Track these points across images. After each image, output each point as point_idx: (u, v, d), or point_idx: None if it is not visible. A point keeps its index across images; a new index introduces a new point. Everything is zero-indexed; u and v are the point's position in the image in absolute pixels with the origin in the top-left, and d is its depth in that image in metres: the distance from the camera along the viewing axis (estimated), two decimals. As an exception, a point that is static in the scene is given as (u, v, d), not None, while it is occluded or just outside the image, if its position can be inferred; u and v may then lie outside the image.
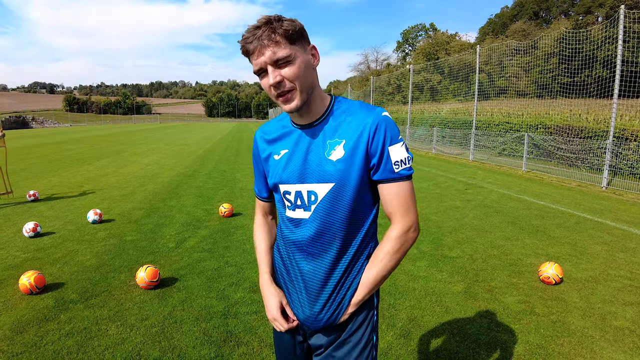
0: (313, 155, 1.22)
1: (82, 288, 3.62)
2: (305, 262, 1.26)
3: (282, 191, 1.29)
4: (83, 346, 2.72)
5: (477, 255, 4.49)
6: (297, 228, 1.27)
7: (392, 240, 1.20)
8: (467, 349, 2.69)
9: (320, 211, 1.21)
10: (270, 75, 1.11)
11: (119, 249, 4.69)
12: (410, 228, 1.21)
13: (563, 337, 2.86)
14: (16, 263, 4.25)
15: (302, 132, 1.26)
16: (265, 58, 1.10)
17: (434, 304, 3.34)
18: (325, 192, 1.20)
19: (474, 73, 14.60)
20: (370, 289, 1.23)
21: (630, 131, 9.80)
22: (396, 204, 1.19)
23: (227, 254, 4.53)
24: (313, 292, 1.26)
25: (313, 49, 1.19)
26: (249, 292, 3.56)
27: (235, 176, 10.24)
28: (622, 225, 5.84)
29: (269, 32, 1.09)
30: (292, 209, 1.27)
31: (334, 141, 1.20)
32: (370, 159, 1.18)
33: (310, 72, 1.17)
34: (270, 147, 1.34)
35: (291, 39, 1.11)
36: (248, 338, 2.82)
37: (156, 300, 3.39)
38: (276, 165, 1.30)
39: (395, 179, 1.18)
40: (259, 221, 1.50)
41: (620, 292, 3.61)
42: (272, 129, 1.35)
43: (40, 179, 9.81)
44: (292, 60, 1.11)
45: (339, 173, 1.18)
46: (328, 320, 1.26)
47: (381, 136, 1.16)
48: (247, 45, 1.11)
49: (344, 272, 1.24)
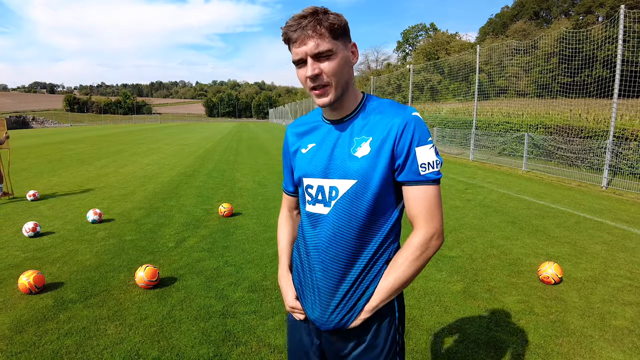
0: (339, 151, 1.20)
1: (82, 288, 3.62)
2: (321, 260, 1.21)
3: (305, 185, 1.27)
4: (82, 346, 2.72)
5: (477, 255, 4.49)
6: (315, 223, 1.23)
7: (412, 246, 1.14)
8: (466, 349, 2.69)
9: (340, 207, 1.18)
10: (309, 67, 1.10)
11: (119, 248, 4.69)
12: (434, 235, 1.14)
13: (562, 337, 2.85)
14: (16, 263, 4.25)
15: (331, 127, 1.25)
16: (307, 49, 1.08)
17: (433, 303, 3.33)
18: (346, 189, 1.16)
19: (474, 73, 14.59)
20: (387, 296, 1.16)
21: (631, 131, 9.80)
22: (420, 209, 1.14)
23: (227, 253, 4.53)
24: (326, 292, 1.21)
25: (353, 47, 1.17)
26: (248, 291, 3.56)
27: (235, 176, 10.23)
28: (622, 225, 5.83)
29: (314, 23, 1.07)
30: (312, 203, 1.25)
31: (361, 138, 1.18)
32: (396, 159, 1.14)
33: (348, 69, 1.15)
34: (299, 141, 1.33)
35: (335, 33, 1.10)
36: (247, 337, 2.82)
37: (155, 299, 3.39)
38: (302, 158, 1.29)
39: (421, 182, 1.13)
40: (284, 215, 1.50)
41: (620, 291, 3.60)
42: (302, 123, 1.36)
43: (40, 179, 9.82)
44: (332, 55, 1.10)
45: (362, 170, 1.15)
46: (339, 323, 1.20)
47: (409, 136, 1.12)
48: (291, 33, 1.10)
49: (360, 274, 1.18)
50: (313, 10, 1.09)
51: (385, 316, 1.21)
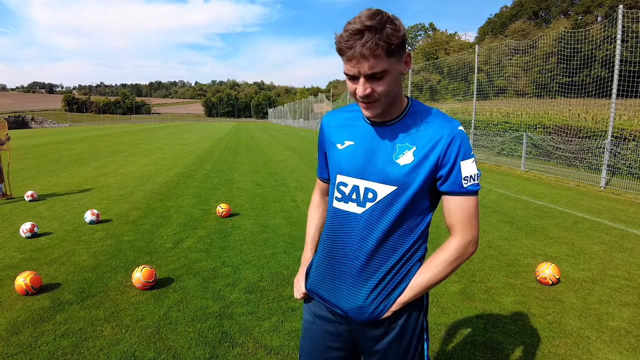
0: (379, 154, 1.21)
1: (78, 289, 3.61)
2: (354, 257, 1.25)
3: (338, 182, 1.29)
4: (78, 347, 2.71)
5: (474, 256, 4.48)
6: (346, 221, 1.27)
7: (450, 250, 1.21)
8: (463, 350, 2.68)
9: (376, 210, 1.21)
10: (361, 87, 1.10)
11: (116, 249, 4.68)
12: (471, 242, 1.21)
13: (559, 338, 2.85)
14: (13, 263, 4.23)
15: (373, 129, 1.25)
16: (360, 68, 1.07)
17: (431, 304, 3.32)
18: (385, 193, 1.20)
19: (472, 73, 14.59)
20: (418, 292, 1.24)
21: (629, 131, 9.80)
22: (460, 218, 1.20)
23: (224, 254, 4.52)
24: (359, 284, 1.25)
25: (407, 57, 1.15)
26: (245, 292, 3.55)
27: (233, 176, 10.22)
28: (620, 225, 5.83)
29: (372, 43, 1.03)
30: (344, 201, 1.27)
31: (404, 145, 1.20)
32: (439, 170, 1.18)
33: (398, 82, 1.15)
34: (335, 134, 1.34)
35: (391, 52, 1.06)
36: (243, 339, 2.81)
37: (152, 300, 3.38)
38: (338, 154, 1.30)
39: (463, 193, 1.18)
40: (316, 200, 1.56)
41: (618, 292, 3.60)
42: (341, 117, 1.36)
43: (38, 179, 9.80)
44: (385, 75, 1.09)
45: (403, 178, 1.18)
46: (371, 314, 1.25)
47: (455, 149, 1.16)
48: (346, 49, 1.07)
49: (390, 270, 1.24)
50: (369, 26, 1.03)
51: (415, 306, 1.29)
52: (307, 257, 1.48)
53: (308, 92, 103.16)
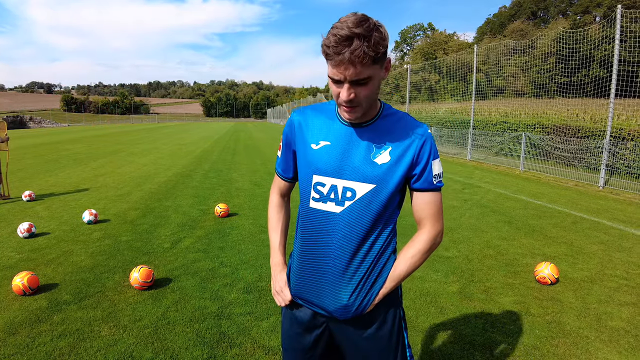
0: (357, 154, 1.26)
1: (76, 289, 3.60)
2: (335, 256, 1.29)
3: (315, 182, 1.31)
4: (75, 347, 2.70)
5: (473, 256, 4.48)
6: (325, 221, 1.30)
7: (423, 241, 1.32)
8: (462, 350, 2.68)
9: (355, 208, 1.26)
10: (345, 92, 1.14)
11: (114, 249, 4.66)
12: (439, 233, 1.33)
13: (558, 338, 2.85)
14: (10, 264, 4.21)
15: (349, 129, 1.29)
16: (347, 74, 1.10)
17: (429, 304, 3.32)
18: (364, 192, 1.26)
19: (471, 73, 14.59)
20: (397, 282, 1.33)
21: (627, 131, 9.82)
22: (430, 212, 1.30)
23: (222, 254, 4.51)
24: (341, 283, 1.30)
25: (388, 62, 1.18)
26: (243, 292, 3.54)
27: (231, 176, 10.21)
28: (618, 224, 5.84)
29: (360, 51, 1.05)
30: (322, 201, 1.30)
31: (381, 146, 1.26)
32: (414, 168, 1.27)
33: (379, 87, 1.20)
34: (309, 133, 1.34)
35: (376, 59, 1.10)
36: (241, 339, 2.80)
37: (150, 301, 3.37)
38: (314, 154, 1.31)
39: (433, 189, 1.29)
40: (277, 201, 1.54)
41: (616, 292, 3.60)
42: (314, 115, 1.36)
43: (36, 179, 9.77)
44: (369, 81, 1.14)
45: (381, 176, 1.25)
46: (357, 310, 1.31)
47: (427, 150, 1.27)
48: (334, 56, 1.08)
49: (371, 264, 1.30)
50: (358, 33, 1.04)
51: (392, 298, 1.36)
52: (280, 262, 1.47)
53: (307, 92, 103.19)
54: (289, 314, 1.43)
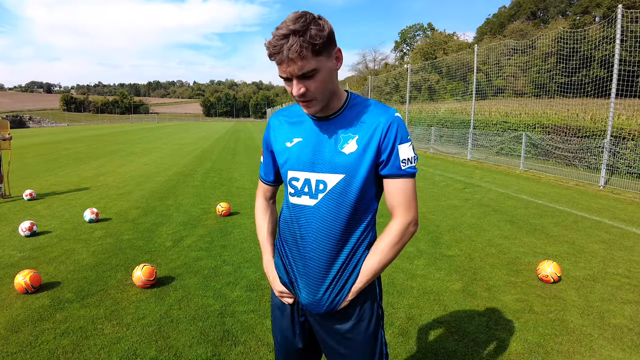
0: (326, 147, 1.28)
1: (78, 287, 3.59)
2: (310, 249, 1.30)
3: (290, 177, 1.34)
4: (79, 345, 2.69)
5: (475, 254, 4.48)
6: (301, 215, 1.31)
7: (392, 233, 1.28)
8: (466, 348, 2.68)
9: (328, 200, 1.27)
10: (295, 87, 1.16)
11: (116, 248, 4.66)
12: (411, 223, 1.28)
13: (562, 336, 2.85)
14: (12, 262, 4.21)
15: (317, 123, 1.31)
16: (291, 70, 1.13)
17: (432, 302, 3.32)
18: (335, 182, 1.26)
19: (471, 73, 14.60)
20: (370, 277, 1.30)
21: (628, 130, 9.83)
22: (399, 199, 1.27)
23: (225, 252, 4.51)
24: (316, 277, 1.31)
25: (338, 52, 1.20)
26: (246, 290, 3.54)
27: (232, 175, 10.21)
28: (619, 224, 5.84)
29: (297, 46, 1.08)
30: (297, 195, 1.32)
31: (348, 135, 1.26)
32: (380, 155, 1.25)
33: (332, 78, 1.21)
34: (283, 133, 1.38)
35: (318, 51, 1.12)
36: (245, 337, 2.80)
37: (153, 299, 3.37)
38: (288, 151, 1.34)
39: (401, 176, 1.26)
40: (262, 204, 1.56)
41: (619, 290, 3.60)
42: (286, 115, 1.40)
43: (37, 178, 9.77)
44: (317, 73, 1.15)
45: (350, 165, 1.24)
46: (329, 306, 1.31)
47: (392, 134, 1.23)
48: (275, 55, 1.12)
49: (345, 259, 1.29)
50: (294, 29, 1.08)
51: (368, 293, 1.35)
52: (269, 260, 1.48)
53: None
54: (274, 298, 1.49)
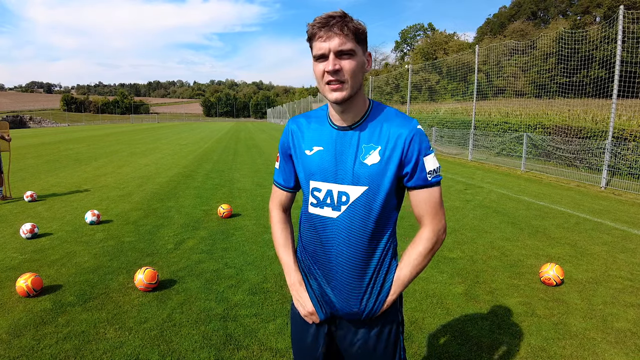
0: (348, 157, 1.26)
1: (80, 290, 3.59)
2: (336, 262, 1.29)
3: (312, 187, 1.32)
4: (81, 350, 2.69)
5: (478, 257, 4.47)
6: (324, 226, 1.30)
7: (424, 241, 1.29)
8: (469, 352, 2.67)
9: (351, 212, 1.26)
10: (330, 62, 1.16)
11: (117, 250, 4.65)
12: (441, 230, 1.29)
13: (565, 339, 2.84)
14: (13, 265, 4.20)
15: (339, 133, 1.29)
16: (331, 45, 1.15)
17: (435, 306, 3.31)
18: (357, 195, 1.25)
19: (472, 73, 14.59)
20: (404, 286, 1.31)
21: (629, 131, 9.81)
22: (427, 208, 1.28)
23: (227, 255, 4.50)
24: (348, 289, 1.30)
25: (369, 56, 1.25)
26: (249, 294, 3.53)
27: (233, 176, 10.20)
28: (621, 225, 5.83)
29: (342, 23, 1.15)
30: (319, 206, 1.31)
31: (370, 146, 1.25)
32: (404, 167, 1.25)
33: (361, 74, 1.22)
34: (303, 140, 1.36)
35: (358, 37, 1.18)
36: (248, 341, 2.79)
37: (155, 302, 3.36)
38: (308, 160, 1.32)
39: (428, 186, 1.26)
40: (280, 218, 1.50)
41: (621, 293, 3.59)
42: (307, 122, 1.38)
43: (37, 180, 9.76)
44: (354, 56, 1.18)
45: (373, 177, 1.24)
46: (369, 313, 1.32)
47: (416, 147, 1.23)
48: (317, 30, 1.16)
49: (375, 269, 1.30)
50: (342, 13, 1.17)
51: (390, 307, 1.36)
52: (298, 279, 1.42)
53: (307, 92, 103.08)
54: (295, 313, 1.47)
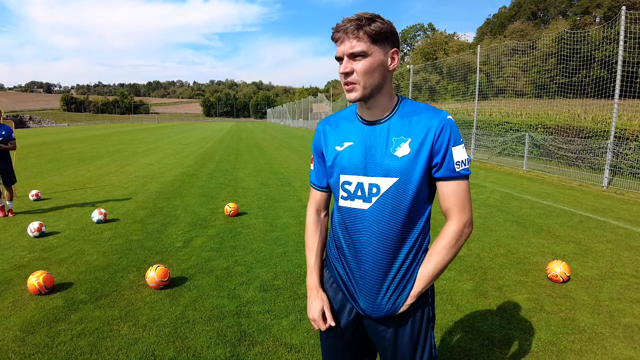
0: (378, 150, 1.28)
1: (91, 288, 3.62)
2: (366, 252, 1.30)
3: (342, 181, 1.34)
4: (96, 346, 2.71)
5: (484, 254, 4.51)
6: (354, 219, 1.31)
7: (449, 235, 1.28)
8: (482, 347, 2.71)
9: (382, 204, 1.27)
10: (343, 65, 1.22)
11: (126, 248, 4.68)
12: (466, 224, 1.28)
13: (574, 334, 2.88)
14: (23, 263, 4.23)
15: (368, 127, 1.31)
16: (344, 48, 1.21)
17: (445, 302, 3.35)
18: (388, 186, 1.26)
19: (472, 73, 14.64)
20: (428, 281, 1.29)
21: (631, 131, 9.86)
22: (454, 201, 1.27)
23: (236, 253, 4.53)
24: (374, 281, 1.31)
25: (394, 53, 1.25)
26: (260, 291, 3.57)
27: (237, 175, 10.23)
28: (624, 224, 5.87)
29: (354, 27, 1.18)
30: (350, 199, 1.32)
31: (400, 138, 1.27)
32: (434, 158, 1.25)
33: (382, 73, 1.23)
34: (334, 137, 1.39)
35: (374, 38, 1.19)
36: (262, 337, 2.82)
37: (167, 300, 3.39)
38: (339, 155, 1.35)
39: (456, 177, 1.26)
40: (314, 219, 1.51)
41: (627, 289, 3.63)
42: (337, 121, 1.41)
43: (41, 179, 9.78)
44: (366, 57, 1.19)
45: (403, 168, 1.24)
46: (390, 309, 1.31)
47: (446, 137, 1.24)
48: (335, 34, 1.22)
49: (402, 262, 1.29)
50: (358, 17, 1.19)
51: (422, 298, 1.35)
52: (315, 284, 1.44)
53: (307, 92, 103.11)
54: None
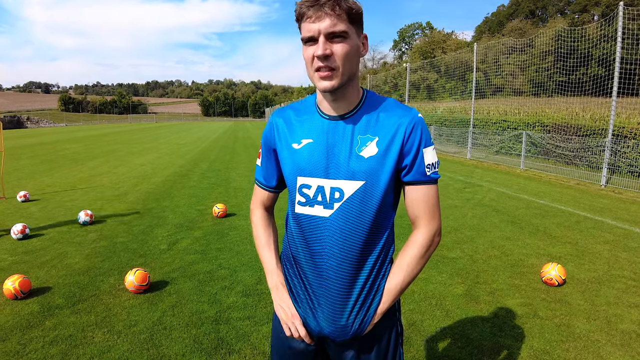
0: (341, 149, 1.13)
1: (69, 292, 3.49)
2: (328, 267, 1.15)
3: (299, 184, 1.17)
4: (67, 354, 2.59)
5: (478, 256, 4.38)
6: (314, 227, 1.15)
7: (418, 244, 1.15)
8: (470, 355, 2.58)
9: (345, 210, 1.12)
10: (321, 46, 1.02)
11: (109, 251, 4.55)
12: (436, 232, 1.17)
13: (568, 342, 2.75)
14: (3, 266, 4.10)
15: (331, 123, 1.15)
16: (321, 26, 1.02)
17: (434, 307, 3.22)
18: (353, 191, 1.11)
19: (470, 71, 14.52)
20: (396, 295, 1.16)
21: (629, 129, 9.75)
22: (424, 208, 1.15)
23: (221, 256, 4.40)
24: (337, 299, 1.16)
25: (364, 38, 1.13)
26: (242, 296, 3.43)
27: (229, 175, 10.10)
28: (622, 224, 5.75)
29: (333, 2, 1.01)
30: (309, 204, 1.15)
31: (366, 137, 1.12)
32: (403, 159, 1.12)
33: (356, 59, 1.10)
34: (289, 133, 1.21)
35: (351, 17, 1.04)
36: (240, 345, 2.69)
37: (145, 305, 3.26)
38: (296, 154, 1.18)
39: (426, 182, 1.14)
40: (262, 216, 1.36)
41: (625, 293, 3.51)
42: (294, 114, 1.23)
43: (32, 180, 9.64)
44: (347, 38, 1.04)
45: (370, 171, 1.10)
46: (357, 330, 1.17)
47: (417, 137, 1.11)
48: (306, 9, 1.02)
49: (368, 276, 1.15)
50: None
51: (389, 312, 1.21)
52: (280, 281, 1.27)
53: (305, 91, 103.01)
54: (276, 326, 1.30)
